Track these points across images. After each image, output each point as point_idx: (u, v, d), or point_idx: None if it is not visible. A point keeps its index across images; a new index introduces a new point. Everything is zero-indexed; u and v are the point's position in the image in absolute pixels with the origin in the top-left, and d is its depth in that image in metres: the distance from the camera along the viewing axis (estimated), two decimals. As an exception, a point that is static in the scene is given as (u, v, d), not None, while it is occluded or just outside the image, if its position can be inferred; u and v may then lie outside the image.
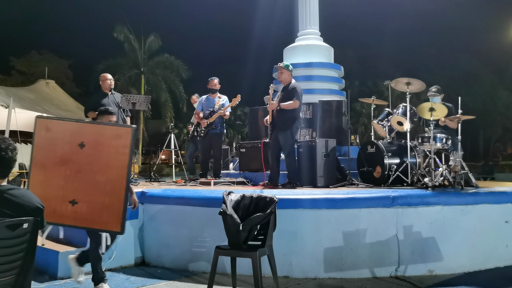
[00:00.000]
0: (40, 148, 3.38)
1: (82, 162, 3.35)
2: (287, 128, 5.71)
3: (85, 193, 3.35)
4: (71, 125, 3.51)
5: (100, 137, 3.39)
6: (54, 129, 3.39)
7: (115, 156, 3.35)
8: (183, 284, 4.07)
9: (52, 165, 3.36)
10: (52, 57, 31.43)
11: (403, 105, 6.04)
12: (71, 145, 3.35)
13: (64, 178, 3.34)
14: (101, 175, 3.35)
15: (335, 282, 4.12)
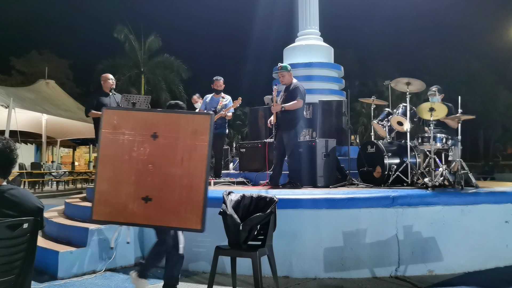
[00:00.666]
0: (107, 141, 3.09)
1: (155, 154, 3.06)
2: (292, 127, 5.72)
3: (160, 188, 3.04)
4: (142, 115, 3.22)
5: (175, 126, 3.09)
6: (122, 120, 3.11)
7: (193, 147, 3.05)
8: (183, 284, 4.07)
9: (122, 159, 3.07)
10: (52, 57, 31.44)
11: (403, 105, 6.04)
12: (142, 136, 3.07)
13: (136, 173, 3.04)
14: (177, 168, 3.04)
15: (335, 282, 4.12)
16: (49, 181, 17.08)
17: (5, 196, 2.18)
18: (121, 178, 3.05)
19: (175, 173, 3.04)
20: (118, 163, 3.07)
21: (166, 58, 28.93)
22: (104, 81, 6.59)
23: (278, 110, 5.70)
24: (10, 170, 2.28)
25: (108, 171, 3.08)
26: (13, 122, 10.86)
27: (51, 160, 21.59)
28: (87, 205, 5.57)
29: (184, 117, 3.15)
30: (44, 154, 18.01)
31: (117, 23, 27.78)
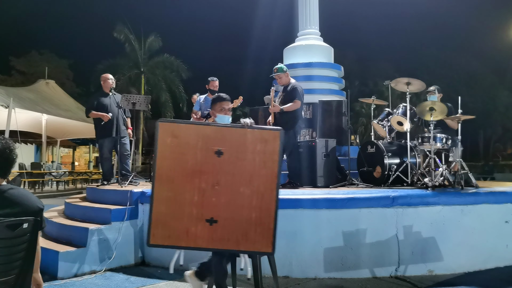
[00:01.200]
0: (165, 158, 2.81)
1: (220, 172, 2.82)
2: (290, 128, 5.72)
3: (226, 209, 2.81)
4: (203, 129, 2.92)
5: (242, 142, 2.86)
6: (182, 135, 2.84)
7: (262, 164, 2.85)
8: (183, 284, 4.07)
9: (182, 177, 2.81)
10: (52, 57, 31.45)
11: (403, 105, 6.04)
12: (205, 153, 2.81)
13: (199, 193, 2.79)
14: (245, 187, 2.82)
15: (335, 282, 4.12)
16: (49, 181, 17.08)
17: (5, 196, 2.18)
18: (182, 199, 2.80)
19: (243, 193, 2.83)
20: (178, 182, 2.81)
21: (166, 58, 28.96)
22: (104, 81, 6.59)
23: (276, 111, 5.70)
24: (9, 170, 2.28)
25: (167, 191, 2.80)
26: (13, 122, 10.86)
27: (51, 160, 21.59)
28: (87, 205, 5.58)
29: (252, 133, 2.89)
30: (44, 154, 18.01)
31: (117, 23, 27.83)
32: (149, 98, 7.02)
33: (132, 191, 5.02)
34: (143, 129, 29.30)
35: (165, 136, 2.83)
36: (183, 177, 2.81)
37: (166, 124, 2.90)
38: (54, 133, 17.33)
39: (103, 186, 6.16)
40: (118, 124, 6.39)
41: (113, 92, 6.61)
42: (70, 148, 27.94)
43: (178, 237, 2.83)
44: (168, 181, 2.81)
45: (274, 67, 5.99)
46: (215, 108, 3.50)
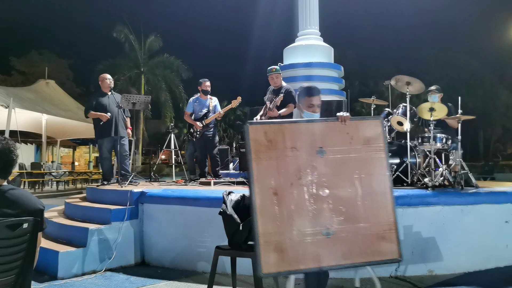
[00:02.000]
0: (263, 166, 2.40)
1: (327, 174, 2.46)
2: None
3: (341, 216, 2.44)
4: (298, 127, 2.55)
5: (343, 137, 2.53)
6: (276, 136, 2.45)
7: (368, 159, 2.52)
8: (183, 284, 4.07)
9: (286, 186, 2.41)
10: (52, 57, 31.46)
11: (403, 105, 6.03)
12: (306, 153, 2.46)
13: (308, 201, 2.41)
14: (355, 187, 2.49)
15: (335, 282, 4.12)
16: (49, 181, 17.07)
17: (6, 196, 2.18)
18: (290, 212, 2.38)
19: (355, 195, 2.48)
20: (282, 193, 2.39)
21: (166, 58, 28.99)
22: (102, 81, 6.59)
23: (275, 115, 5.79)
24: (10, 170, 2.27)
25: (272, 205, 2.37)
26: (13, 122, 10.86)
27: (51, 160, 21.59)
28: (87, 205, 5.58)
29: (352, 124, 2.56)
30: (44, 154, 18.01)
31: (117, 23, 27.84)
32: (149, 98, 7.02)
33: (132, 191, 5.02)
34: (143, 129, 29.32)
35: (257, 140, 2.42)
36: (287, 185, 2.40)
37: (256, 126, 2.48)
38: (54, 133, 17.33)
39: (103, 186, 6.16)
40: (117, 124, 6.39)
41: (112, 92, 6.61)
42: (70, 148, 27.96)
43: (295, 259, 2.38)
44: (270, 193, 2.37)
45: (271, 67, 6.02)
46: (302, 103, 3.04)
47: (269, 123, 2.57)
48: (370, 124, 2.60)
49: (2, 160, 2.20)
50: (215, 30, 45.11)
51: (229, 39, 42.93)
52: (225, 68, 38.80)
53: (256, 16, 27.92)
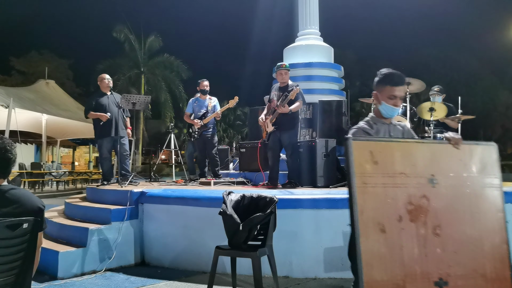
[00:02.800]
0: (369, 196, 1.97)
1: (439, 209, 2.05)
2: (292, 127, 5.71)
3: (456, 263, 2.02)
4: (409, 147, 2.12)
5: (455, 163, 2.14)
6: (383, 157, 2.04)
7: (481, 192, 2.14)
8: (183, 284, 4.07)
9: (394, 222, 1.98)
10: (52, 57, 31.49)
11: (403, 105, 6.04)
12: (417, 182, 2.04)
13: (419, 243, 1.99)
14: (471, 227, 2.07)
15: (335, 282, 4.12)
16: (49, 181, 17.08)
17: (6, 196, 2.18)
18: (397, 254, 1.97)
19: (470, 236, 2.08)
20: (391, 230, 1.97)
21: (166, 58, 29.01)
22: (101, 81, 6.59)
23: (286, 111, 5.62)
24: (8, 170, 2.26)
25: (378, 246, 1.95)
26: (13, 122, 10.86)
27: (51, 160, 21.60)
28: (87, 205, 5.58)
29: (465, 149, 2.19)
30: (44, 154, 18.01)
31: (117, 23, 27.87)
32: (149, 98, 7.03)
33: (132, 191, 5.02)
34: (143, 129, 29.34)
35: (362, 161, 1.99)
36: (395, 221, 1.99)
37: (361, 143, 2.05)
38: (54, 133, 17.33)
39: (103, 186, 6.16)
40: (117, 124, 6.39)
41: (112, 92, 6.61)
42: (70, 148, 27.96)
43: None
44: (377, 230, 1.95)
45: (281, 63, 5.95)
46: (382, 93, 2.54)
47: (375, 140, 2.14)
48: (485, 150, 2.24)
49: (2, 159, 2.18)
50: (215, 30, 45.13)
51: (229, 39, 42.95)
52: (225, 68, 38.83)
53: (256, 16, 27.94)
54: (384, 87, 2.52)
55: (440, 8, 33.85)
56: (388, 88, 2.49)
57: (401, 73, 2.53)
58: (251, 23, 31.95)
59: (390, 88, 2.49)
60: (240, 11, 36.85)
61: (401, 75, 2.52)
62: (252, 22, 30.84)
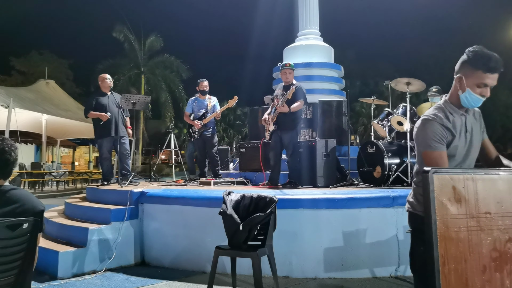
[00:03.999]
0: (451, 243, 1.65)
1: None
2: (293, 128, 5.70)
3: None
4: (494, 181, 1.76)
5: None
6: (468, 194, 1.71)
7: None
8: (183, 284, 4.07)
9: (477, 274, 1.69)
10: (52, 57, 31.48)
11: (403, 105, 6.04)
12: (504, 223, 1.72)
13: None
14: None
15: (335, 282, 4.12)
16: (49, 181, 17.08)
17: (7, 196, 2.18)
18: None
19: None
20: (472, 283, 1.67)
21: (166, 58, 29.02)
22: (102, 81, 6.59)
23: (285, 111, 5.62)
24: (8, 170, 2.25)
25: None
26: (13, 122, 10.85)
27: (51, 160, 21.61)
28: (87, 205, 5.58)
29: None
30: (44, 154, 18.02)
31: (117, 23, 27.86)
32: (149, 98, 7.03)
33: (132, 191, 5.02)
34: (143, 129, 29.33)
35: (444, 199, 1.65)
36: (480, 272, 1.68)
37: (444, 178, 1.66)
38: (54, 133, 17.33)
39: (103, 186, 6.16)
40: (117, 123, 6.39)
41: (112, 91, 6.61)
42: (70, 148, 27.97)
43: None
44: (459, 284, 1.66)
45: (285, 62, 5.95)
46: (469, 78, 2.07)
47: (459, 173, 1.71)
48: None
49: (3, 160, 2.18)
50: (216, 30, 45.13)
51: (229, 39, 42.94)
52: (225, 68, 38.83)
53: (256, 16, 27.94)
54: (474, 72, 2.03)
55: (440, 8, 33.87)
56: (480, 74, 2.01)
57: (498, 57, 2.03)
58: (251, 23, 31.97)
59: (482, 74, 2.01)
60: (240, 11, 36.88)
61: (499, 59, 2.02)
62: (252, 22, 30.87)
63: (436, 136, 2.02)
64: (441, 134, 2.03)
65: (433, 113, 2.09)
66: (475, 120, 2.20)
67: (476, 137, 2.17)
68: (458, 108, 2.13)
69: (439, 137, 2.02)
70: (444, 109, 2.11)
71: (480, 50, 2.03)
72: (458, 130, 2.08)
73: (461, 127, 2.10)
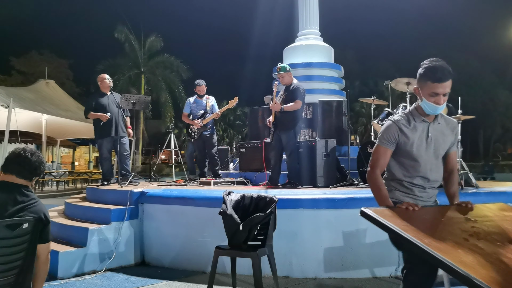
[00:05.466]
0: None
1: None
2: (290, 128, 5.71)
3: None
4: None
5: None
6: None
7: None
8: (183, 284, 4.07)
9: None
10: (52, 57, 31.51)
11: (403, 105, 6.04)
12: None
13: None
14: None
15: (335, 282, 4.12)
16: (49, 181, 17.07)
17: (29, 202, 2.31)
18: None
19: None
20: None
21: (166, 58, 29.03)
22: (101, 81, 6.59)
23: (277, 109, 5.68)
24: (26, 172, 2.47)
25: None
26: (13, 122, 10.84)
27: (51, 160, 21.59)
28: (87, 205, 5.58)
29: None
30: (44, 154, 18.00)
31: (117, 23, 27.88)
32: (149, 98, 7.03)
33: (132, 191, 5.02)
34: (143, 129, 29.34)
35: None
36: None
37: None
38: (54, 133, 17.33)
39: (103, 186, 6.16)
40: (117, 124, 6.39)
41: (112, 91, 6.61)
42: (70, 148, 27.97)
43: None
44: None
45: (278, 65, 5.97)
46: (422, 89, 2.30)
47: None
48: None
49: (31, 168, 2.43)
50: (216, 30, 45.13)
51: (229, 39, 42.94)
52: (225, 68, 38.84)
53: (256, 16, 27.94)
54: (425, 83, 2.27)
55: (440, 9, 33.86)
56: (429, 84, 2.24)
57: (445, 67, 2.25)
58: (251, 23, 31.97)
59: (431, 84, 2.23)
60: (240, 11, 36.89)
61: (445, 69, 2.24)
62: (252, 22, 30.87)
63: (389, 136, 2.37)
64: (393, 135, 2.37)
65: (397, 117, 2.42)
66: (445, 131, 2.42)
67: (442, 147, 2.41)
68: (422, 115, 2.37)
69: (391, 138, 2.37)
70: (408, 115, 2.41)
71: (429, 63, 2.28)
72: (418, 134, 2.36)
73: (422, 133, 2.37)
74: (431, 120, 2.37)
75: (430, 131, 2.36)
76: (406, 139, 2.35)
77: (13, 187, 2.31)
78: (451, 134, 2.43)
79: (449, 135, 2.43)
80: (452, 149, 2.45)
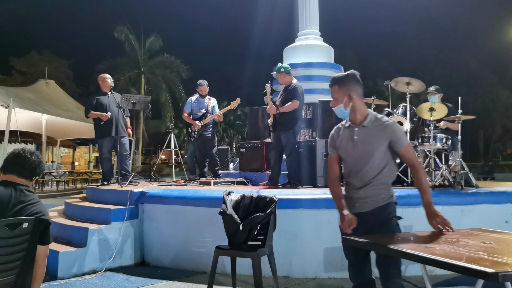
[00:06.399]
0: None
1: None
2: (289, 128, 5.71)
3: None
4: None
5: None
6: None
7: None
8: (183, 284, 4.07)
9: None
10: (52, 57, 31.50)
11: (403, 105, 6.03)
12: None
13: None
14: None
15: (335, 282, 4.12)
16: (49, 181, 17.07)
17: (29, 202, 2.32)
18: None
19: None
20: None
21: (166, 58, 29.03)
22: (102, 81, 6.59)
23: (273, 112, 5.72)
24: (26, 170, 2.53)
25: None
26: (13, 122, 10.84)
27: (51, 160, 21.59)
28: (87, 205, 5.58)
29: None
30: (44, 154, 18.00)
31: (117, 23, 27.89)
32: (149, 98, 7.03)
33: (132, 191, 5.02)
34: (143, 129, 29.34)
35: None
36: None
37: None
38: (54, 133, 17.33)
39: (103, 186, 6.16)
40: (117, 123, 6.39)
41: (112, 91, 6.61)
42: (70, 148, 27.95)
43: None
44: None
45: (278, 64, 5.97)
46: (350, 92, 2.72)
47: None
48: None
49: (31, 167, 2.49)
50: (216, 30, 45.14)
51: (229, 39, 42.95)
52: (225, 68, 38.86)
53: (256, 16, 27.95)
54: (353, 85, 2.74)
55: (440, 9, 33.86)
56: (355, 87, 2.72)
57: (332, 76, 2.80)
58: (251, 23, 31.98)
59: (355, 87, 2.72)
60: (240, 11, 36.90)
61: (331, 77, 2.80)
62: (252, 22, 30.87)
63: (330, 143, 2.93)
64: (331, 142, 2.92)
65: (337, 125, 2.90)
66: (376, 132, 2.62)
67: (372, 146, 2.61)
68: (349, 121, 2.78)
69: (331, 144, 2.92)
70: (344, 124, 2.84)
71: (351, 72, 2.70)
72: (345, 139, 2.75)
73: (348, 137, 2.74)
74: (357, 124, 2.69)
75: (355, 135, 2.67)
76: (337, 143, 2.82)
77: (15, 186, 2.32)
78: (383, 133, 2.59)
79: (379, 135, 2.60)
80: (397, 147, 2.57)
